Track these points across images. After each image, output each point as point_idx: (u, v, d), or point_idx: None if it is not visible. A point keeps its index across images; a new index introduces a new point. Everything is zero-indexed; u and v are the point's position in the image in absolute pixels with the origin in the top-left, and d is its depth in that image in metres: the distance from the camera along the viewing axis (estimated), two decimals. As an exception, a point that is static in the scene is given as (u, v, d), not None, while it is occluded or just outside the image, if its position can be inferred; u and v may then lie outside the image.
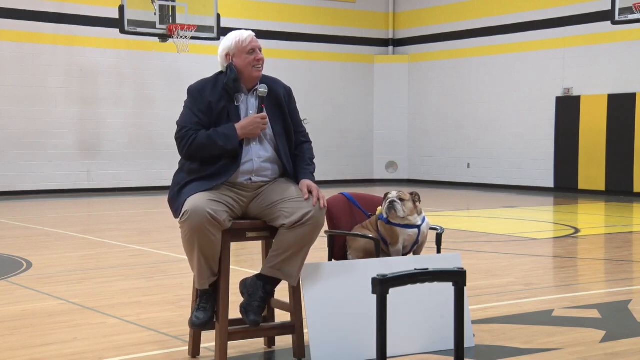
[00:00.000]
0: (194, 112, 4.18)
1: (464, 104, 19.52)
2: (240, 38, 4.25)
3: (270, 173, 4.24)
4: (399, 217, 4.55)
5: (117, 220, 12.23)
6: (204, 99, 4.18)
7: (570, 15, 17.22)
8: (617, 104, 16.35)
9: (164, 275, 7.01)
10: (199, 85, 4.25)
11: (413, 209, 4.59)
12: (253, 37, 4.28)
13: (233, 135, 4.11)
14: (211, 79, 4.28)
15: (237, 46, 4.23)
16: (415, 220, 4.59)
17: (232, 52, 4.24)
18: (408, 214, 4.56)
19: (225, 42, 4.27)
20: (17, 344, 4.61)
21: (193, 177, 4.13)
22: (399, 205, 4.55)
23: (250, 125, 4.15)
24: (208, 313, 4.09)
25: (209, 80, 4.27)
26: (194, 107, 4.19)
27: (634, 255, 8.35)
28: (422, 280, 2.56)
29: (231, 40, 4.25)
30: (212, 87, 4.22)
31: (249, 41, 4.24)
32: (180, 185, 4.15)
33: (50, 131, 16.84)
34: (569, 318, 5.22)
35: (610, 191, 16.43)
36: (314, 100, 19.46)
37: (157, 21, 14.62)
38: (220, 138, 4.10)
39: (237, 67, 4.22)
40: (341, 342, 4.17)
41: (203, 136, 4.12)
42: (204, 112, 4.18)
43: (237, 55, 4.23)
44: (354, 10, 20.70)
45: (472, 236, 9.88)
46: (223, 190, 4.11)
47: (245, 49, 4.22)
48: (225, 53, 4.25)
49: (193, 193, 4.03)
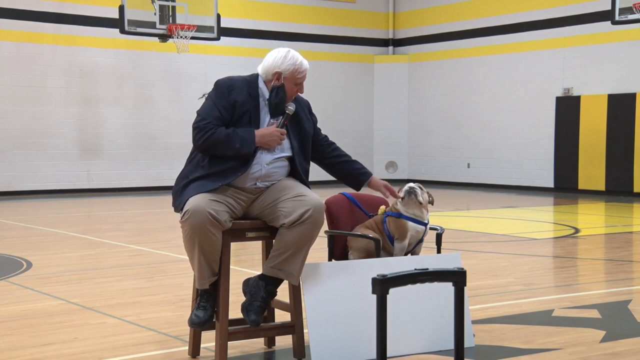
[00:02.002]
0: (218, 106, 4.13)
1: (464, 104, 19.52)
2: (299, 68, 4.20)
3: (276, 179, 4.24)
4: (418, 202, 4.56)
5: (117, 220, 12.23)
6: (231, 97, 4.14)
7: (570, 15, 17.23)
8: (617, 104, 16.35)
9: (164, 275, 7.01)
10: (228, 82, 4.20)
11: (427, 203, 4.63)
12: (307, 70, 4.25)
13: (251, 141, 4.09)
14: (242, 79, 4.22)
15: (293, 73, 4.19)
16: (423, 216, 4.62)
17: (285, 75, 4.19)
18: (424, 204, 4.60)
19: (281, 61, 4.19)
20: (17, 344, 4.61)
21: (199, 174, 4.11)
22: (419, 191, 4.58)
23: (269, 137, 4.13)
24: (208, 312, 4.09)
25: (239, 80, 4.21)
26: (219, 102, 4.14)
27: (634, 255, 8.35)
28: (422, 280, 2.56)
29: (289, 63, 4.19)
30: (241, 87, 4.17)
31: (304, 74, 4.23)
32: (185, 181, 4.13)
33: (50, 131, 16.84)
34: (569, 318, 5.22)
35: (610, 191, 16.43)
36: (314, 100, 19.25)
37: (157, 21, 14.63)
38: (238, 140, 4.07)
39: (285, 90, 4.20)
40: (341, 342, 4.17)
41: (222, 133, 4.08)
42: (227, 110, 4.13)
43: (288, 80, 4.19)
44: (354, 10, 20.70)
45: (472, 236, 9.88)
46: (225, 190, 4.11)
47: (298, 79, 4.21)
48: (277, 71, 4.19)
49: (195, 193, 4.03)
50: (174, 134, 17.88)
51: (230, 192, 4.13)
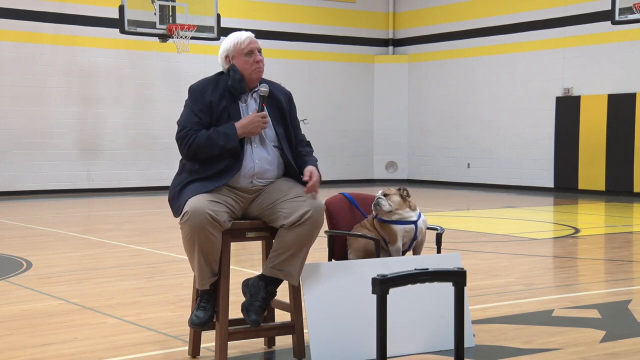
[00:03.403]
0: (195, 112, 4.17)
1: (464, 104, 19.52)
2: (238, 40, 4.23)
3: (271, 175, 4.22)
4: (385, 211, 4.57)
5: (117, 220, 12.23)
6: (205, 99, 4.16)
7: (570, 15, 17.22)
8: (617, 104, 16.35)
9: (164, 275, 7.01)
10: (200, 85, 4.23)
11: (402, 202, 4.61)
12: (252, 39, 4.25)
13: (233, 134, 4.09)
14: (212, 78, 4.26)
15: (236, 48, 4.22)
16: (409, 215, 4.61)
17: (231, 55, 4.23)
18: (396, 207, 4.58)
19: (224, 44, 4.25)
20: (17, 344, 4.61)
21: (194, 178, 4.12)
22: (383, 201, 4.59)
23: (251, 124, 4.13)
24: (208, 312, 4.09)
25: (210, 80, 4.25)
26: (195, 107, 4.18)
27: (634, 255, 8.35)
28: (422, 280, 2.56)
29: (230, 42, 4.24)
30: (213, 87, 4.20)
31: (247, 43, 4.22)
32: (181, 184, 4.13)
33: (50, 131, 16.84)
34: (569, 318, 5.22)
35: (610, 191, 16.42)
36: (314, 100, 19.46)
37: (157, 21, 14.63)
38: (220, 137, 4.08)
39: (239, 68, 4.21)
40: (341, 342, 4.17)
41: (203, 136, 4.10)
42: (205, 112, 4.16)
43: (236, 58, 4.21)
44: (354, 10, 20.70)
45: (472, 236, 9.88)
46: (223, 191, 4.11)
47: (244, 51, 4.21)
48: (225, 55, 4.24)
49: (193, 194, 4.02)
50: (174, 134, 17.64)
51: (228, 192, 4.12)
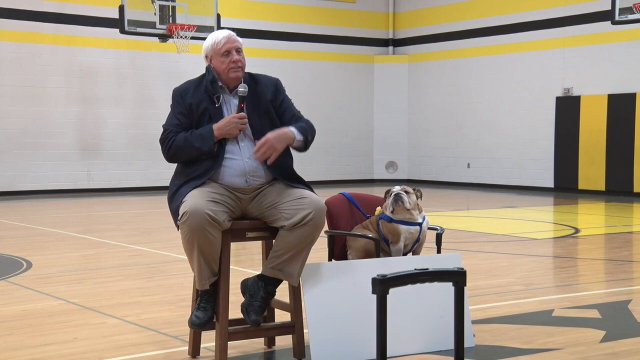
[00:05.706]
0: (175, 114, 4.20)
1: (464, 104, 19.52)
2: (215, 40, 4.21)
3: (264, 173, 4.20)
4: (405, 208, 4.54)
5: (117, 220, 12.23)
6: (185, 101, 4.19)
7: (570, 15, 17.22)
8: (617, 104, 16.35)
9: (164, 275, 7.01)
10: (181, 88, 4.26)
11: (416, 203, 4.61)
12: (229, 38, 4.20)
13: (209, 136, 4.09)
14: (195, 80, 4.27)
15: (213, 48, 4.20)
16: (417, 217, 4.61)
17: (209, 55, 4.23)
18: (412, 207, 4.58)
19: (205, 44, 4.25)
20: (17, 344, 4.61)
21: (183, 180, 4.14)
22: (405, 197, 4.56)
23: (228, 125, 4.12)
24: (208, 313, 4.09)
25: (193, 82, 4.26)
26: (176, 110, 4.21)
27: (634, 255, 8.35)
28: (422, 280, 2.55)
29: (208, 42, 4.23)
30: (194, 88, 4.22)
31: (224, 43, 4.18)
32: (174, 189, 4.16)
33: (50, 131, 16.84)
34: (569, 318, 5.22)
35: (610, 191, 16.42)
36: (314, 100, 19.46)
37: (157, 21, 14.62)
38: (196, 140, 4.09)
39: (216, 68, 4.21)
40: (341, 342, 4.17)
41: (181, 138, 4.12)
42: (185, 115, 4.18)
43: (214, 58, 4.21)
44: (354, 10, 20.70)
45: (472, 236, 9.88)
46: (221, 191, 4.11)
47: (220, 51, 4.18)
48: (205, 55, 4.25)
49: (187, 192, 4.04)
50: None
51: (227, 192, 4.12)
